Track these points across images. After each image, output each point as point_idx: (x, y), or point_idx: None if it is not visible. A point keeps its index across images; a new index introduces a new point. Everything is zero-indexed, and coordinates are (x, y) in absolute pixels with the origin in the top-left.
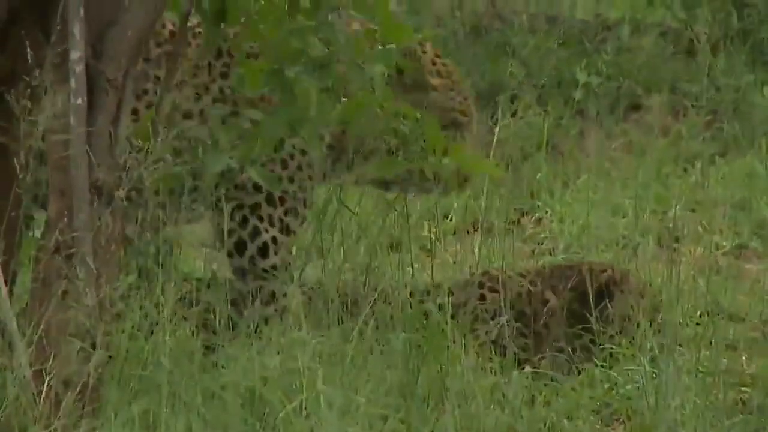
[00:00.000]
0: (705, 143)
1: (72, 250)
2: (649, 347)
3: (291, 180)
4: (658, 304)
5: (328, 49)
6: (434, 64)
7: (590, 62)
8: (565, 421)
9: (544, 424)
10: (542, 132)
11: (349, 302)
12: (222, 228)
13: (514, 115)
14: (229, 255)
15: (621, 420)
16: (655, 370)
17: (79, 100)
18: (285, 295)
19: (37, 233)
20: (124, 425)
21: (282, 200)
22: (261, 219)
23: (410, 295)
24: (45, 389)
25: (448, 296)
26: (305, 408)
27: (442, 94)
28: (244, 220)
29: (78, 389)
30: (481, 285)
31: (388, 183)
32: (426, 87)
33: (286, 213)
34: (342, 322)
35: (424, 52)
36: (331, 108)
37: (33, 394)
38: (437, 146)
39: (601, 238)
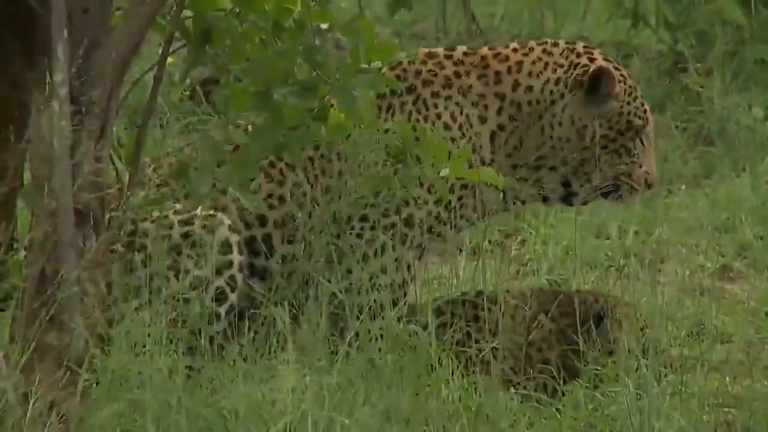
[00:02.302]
0: (690, 165)
1: (57, 273)
2: (635, 368)
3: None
4: (644, 326)
5: (314, 71)
6: None
7: None
8: None
9: None
10: None
11: (335, 323)
12: None
13: None
14: None
15: None
16: (639, 392)
17: (63, 122)
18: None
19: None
20: None
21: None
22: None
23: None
24: (30, 412)
25: (430, 317)
26: (290, 429)
27: (619, 101)
28: None
29: (63, 412)
30: (474, 305)
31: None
32: (610, 96)
33: None
34: (328, 343)
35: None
36: (317, 129)
37: (19, 417)
38: (438, 157)
39: (585, 259)
